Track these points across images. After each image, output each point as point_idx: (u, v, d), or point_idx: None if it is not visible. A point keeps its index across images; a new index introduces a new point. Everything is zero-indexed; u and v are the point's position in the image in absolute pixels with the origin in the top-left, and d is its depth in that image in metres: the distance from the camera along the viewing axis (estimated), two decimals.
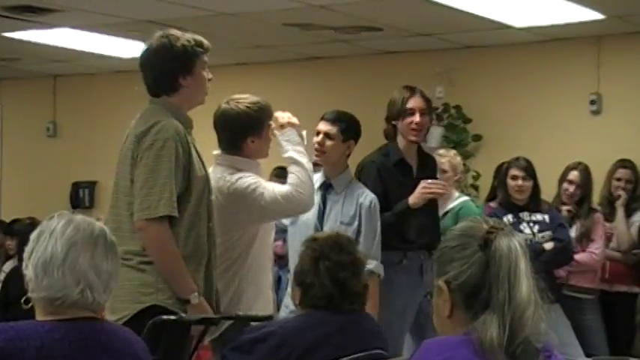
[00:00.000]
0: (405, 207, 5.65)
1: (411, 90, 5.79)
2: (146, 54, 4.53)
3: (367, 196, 5.47)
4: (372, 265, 5.28)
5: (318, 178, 5.51)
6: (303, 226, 5.29)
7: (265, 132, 4.92)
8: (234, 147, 4.92)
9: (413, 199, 5.65)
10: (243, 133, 4.88)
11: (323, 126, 5.47)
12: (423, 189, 5.66)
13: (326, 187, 5.49)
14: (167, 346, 4.10)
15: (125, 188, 4.37)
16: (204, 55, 4.51)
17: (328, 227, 5.37)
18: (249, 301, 4.79)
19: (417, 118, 5.70)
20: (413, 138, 5.77)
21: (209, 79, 4.54)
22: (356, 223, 5.41)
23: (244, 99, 4.92)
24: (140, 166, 4.31)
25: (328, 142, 5.44)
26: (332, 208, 5.48)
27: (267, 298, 4.95)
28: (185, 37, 4.49)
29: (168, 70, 4.45)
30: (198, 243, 4.38)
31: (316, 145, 5.46)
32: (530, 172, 6.90)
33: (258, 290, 4.89)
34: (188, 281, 4.31)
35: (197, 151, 4.46)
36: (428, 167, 5.89)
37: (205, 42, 4.54)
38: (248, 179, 4.81)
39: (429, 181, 5.69)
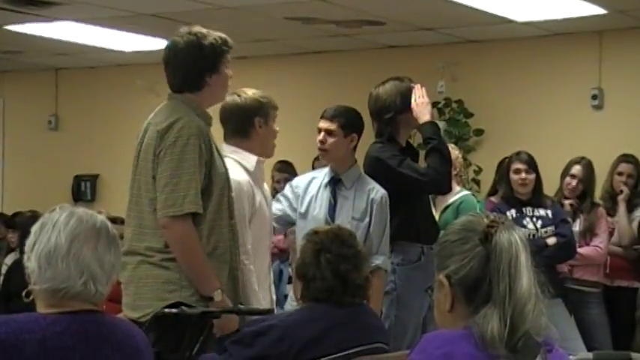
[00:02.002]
0: (430, 124, 5.61)
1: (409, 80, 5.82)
2: (173, 51, 4.49)
3: (378, 191, 5.42)
4: (379, 260, 5.29)
5: (325, 174, 5.50)
6: (312, 221, 5.26)
7: (271, 121, 4.94)
8: (243, 133, 4.92)
9: (427, 116, 5.60)
10: (251, 116, 4.90)
11: (323, 123, 5.46)
12: (418, 104, 5.62)
13: (335, 183, 5.46)
14: (167, 338, 4.11)
15: (147, 184, 4.35)
16: (228, 53, 4.52)
17: (340, 222, 5.33)
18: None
19: None
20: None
21: (230, 77, 4.55)
22: (367, 218, 5.37)
23: (248, 90, 4.98)
24: (164, 162, 4.30)
25: (330, 139, 5.42)
26: (343, 203, 5.43)
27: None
28: (212, 35, 4.49)
29: (196, 69, 4.44)
30: (220, 241, 4.38)
31: (318, 144, 5.46)
32: (532, 165, 6.90)
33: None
34: (212, 279, 4.31)
35: (217, 148, 4.46)
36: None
37: (230, 40, 4.54)
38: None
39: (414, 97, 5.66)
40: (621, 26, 8.79)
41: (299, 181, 5.61)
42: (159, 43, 9.27)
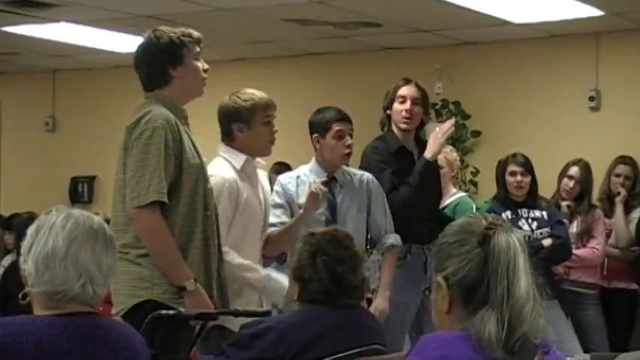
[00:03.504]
0: (424, 163, 5.69)
1: (407, 80, 5.84)
2: (136, 52, 4.61)
3: (366, 176, 5.61)
4: (391, 239, 5.55)
5: (310, 173, 5.52)
6: (312, 222, 5.28)
7: (256, 124, 4.97)
8: (227, 136, 5.02)
9: (432, 152, 5.68)
10: (229, 122, 4.98)
11: (347, 125, 5.57)
12: (436, 136, 5.68)
13: (330, 181, 5.54)
14: (163, 339, 4.11)
15: (119, 181, 4.41)
16: (194, 45, 4.53)
17: (348, 218, 5.47)
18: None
19: (407, 105, 5.75)
20: (403, 126, 5.81)
21: (205, 70, 4.55)
22: (366, 205, 5.54)
23: (241, 92, 5.02)
24: (130, 156, 4.35)
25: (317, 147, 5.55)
26: (343, 199, 5.55)
27: (247, 297, 4.95)
28: (173, 30, 4.54)
29: (157, 64, 4.50)
30: (194, 232, 4.39)
31: (347, 149, 5.55)
32: (528, 167, 6.91)
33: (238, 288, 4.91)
34: (183, 268, 4.31)
35: (192, 140, 4.47)
36: None
37: (195, 33, 4.57)
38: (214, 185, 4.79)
39: (439, 128, 5.70)
40: (618, 28, 8.79)
41: (287, 184, 5.57)
42: None
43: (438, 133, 5.75)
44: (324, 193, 5.35)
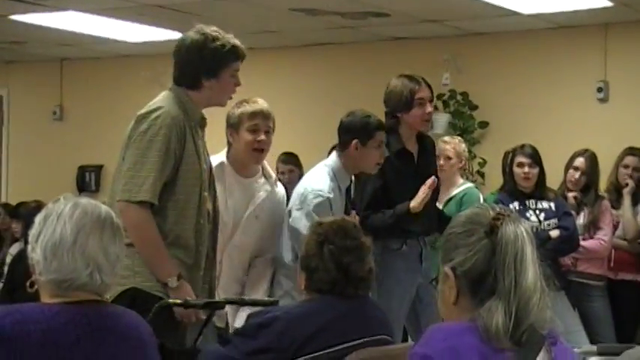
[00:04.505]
0: (405, 211, 5.64)
1: (416, 80, 5.76)
2: (180, 45, 4.54)
3: None
4: None
5: (335, 178, 5.46)
6: None
7: (242, 131, 5.12)
8: (227, 140, 5.25)
9: (414, 203, 5.62)
10: (226, 127, 5.21)
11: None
12: (422, 192, 5.64)
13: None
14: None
15: (119, 165, 4.43)
16: (235, 62, 4.51)
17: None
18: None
19: (428, 108, 5.71)
20: (424, 128, 5.80)
21: (236, 85, 4.54)
22: None
23: (242, 100, 5.17)
24: (132, 148, 4.35)
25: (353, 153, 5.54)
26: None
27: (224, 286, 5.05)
28: (220, 40, 4.49)
29: (192, 68, 4.47)
30: (183, 238, 4.37)
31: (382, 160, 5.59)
32: (536, 159, 6.89)
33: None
34: (166, 265, 4.31)
35: (196, 146, 4.44)
36: (427, 150, 5.88)
37: (241, 49, 4.53)
38: None
39: (427, 182, 5.67)
40: (627, 19, 8.78)
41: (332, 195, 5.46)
42: (164, 34, 9.28)
43: (423, 190, 5.68)
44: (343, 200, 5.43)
